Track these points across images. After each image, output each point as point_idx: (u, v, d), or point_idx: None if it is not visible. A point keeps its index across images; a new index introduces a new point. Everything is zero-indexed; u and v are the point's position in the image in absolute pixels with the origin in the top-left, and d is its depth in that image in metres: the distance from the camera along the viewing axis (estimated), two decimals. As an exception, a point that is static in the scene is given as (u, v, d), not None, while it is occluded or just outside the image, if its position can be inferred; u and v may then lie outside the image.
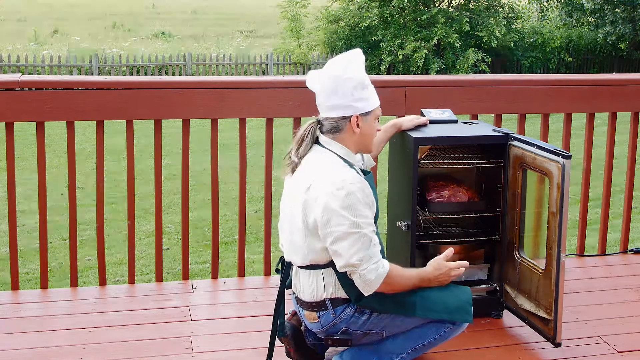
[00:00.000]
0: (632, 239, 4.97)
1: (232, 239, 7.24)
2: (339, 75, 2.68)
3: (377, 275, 2.58)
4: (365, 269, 2.57)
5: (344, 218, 2.55)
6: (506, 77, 4.44)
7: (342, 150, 2.72)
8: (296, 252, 2.71)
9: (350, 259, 2.56)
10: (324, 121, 2.74)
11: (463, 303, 2.74)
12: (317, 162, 2.68)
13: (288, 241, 2.76)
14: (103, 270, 3.80)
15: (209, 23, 28.32)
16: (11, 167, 3.61)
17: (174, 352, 3.11)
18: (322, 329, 2.74)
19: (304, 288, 2.73)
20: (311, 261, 2.68)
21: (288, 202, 2.75)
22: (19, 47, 20.96)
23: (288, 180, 2.79)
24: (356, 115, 2.71)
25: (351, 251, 2.56)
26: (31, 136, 11.10)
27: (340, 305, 2.69)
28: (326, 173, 2.62)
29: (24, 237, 6.97)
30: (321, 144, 2.74)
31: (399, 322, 2.73)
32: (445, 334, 2.77)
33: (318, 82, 2.73)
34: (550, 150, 3.02)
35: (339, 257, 2.59)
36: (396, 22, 19.78)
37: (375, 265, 2.58)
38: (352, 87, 2.68)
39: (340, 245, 2.57)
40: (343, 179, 2.58)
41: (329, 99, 2.70)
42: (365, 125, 2.73)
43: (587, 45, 22.12)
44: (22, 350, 3.11)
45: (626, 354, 3.15)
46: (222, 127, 3.84)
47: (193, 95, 3.68)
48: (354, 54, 2.73)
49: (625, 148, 4.35)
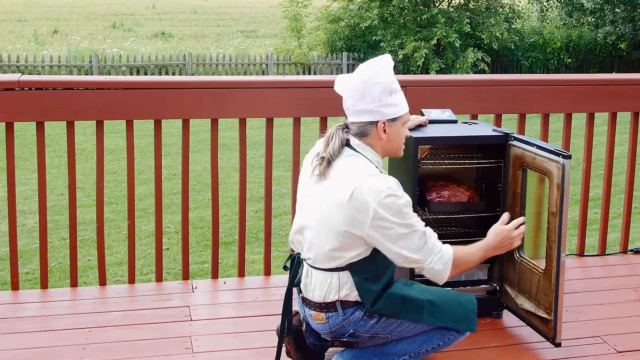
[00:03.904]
0: (632, 239, 4.98)
1: (232, 239, 7.24)
2: (367, 80, 2.68)
3: (444, 263, 2.67)
4: (431, 261, 2.65)
5: (396, 223, 2.59)
6: (506, 77, 4.44)
7: (374, 156, 2.73)
8: (319, 252, 2.69)
9: (414, 257, 2.63)
10: (351, 125, 2.74)
11: (469, 312, 2.78)
12: (354, 168, 2.66)
13: (310, 241, 2.72)
14: (103, 270, 3.80)
15: (209, 23, 28.32)
16: (11, 167, 3.61)
17: (174, 352, 3.11)
18: (330, 330, 2.74)
19: (315, 288, 2.72)
20: (334, 263, 2.67)
21: (319, 204, 2.69)
22: (19, 47, 20.97)
23: (315, 181, 2.73)
24: (383, 121, 2.70)
25: (412, 250, 2.62)
26: (31, 136, 11.12)
27: (349, 307, 2.69)
28: (369, 180, 2.61)
29: (24, 237, 6.96)
30: (353, 147, 2.72)
31: (406, 327, 2.74)
32: (449, 341, 2.80)
33: (346, 86, 2.72)
34: (550, 150, 3.02)
35: (402, 259, 2.64)
36: (396, 22, 19.78)
37: (439, 255, 2.66)
38: (380, 92, 2.68)
39: (400, 247, 2.62)
40: (388, 186, 2.60)
41: (357, 104, 2.69)
42: (392, 131, 2.73)
43: (587, 45, 22.12)
44: (22, 350, 3.11)
45: (626, 354, 3.15)
46: (222, 127, 3.84)
47: (193, 95, 3.68)
48: (384, 59, 2.74)
49: (625, 148, 4.36)
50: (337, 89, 2.77)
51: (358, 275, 2.67)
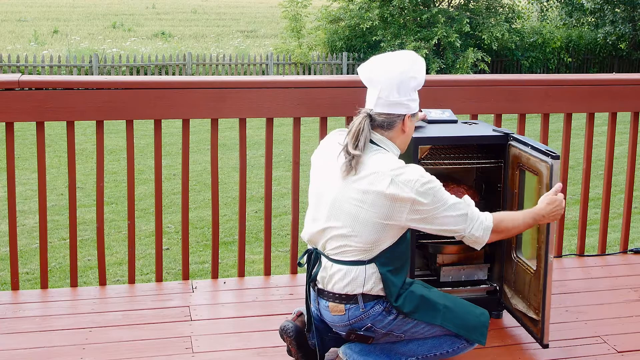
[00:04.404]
0: (632, 239, 4.98)
1: (232, 239, 7.24)
2: (405, 71, 2.68)
3: (483, 229, 2.73)
4: (472, 228, 2.70)
5: (435, 207, 2.65)
6: (506, 77, 4.42)
7: (395, 149, 2.75)
8: (351, 245, 2.68)
9: (455, 228, 2.69)
10: (377, 116, 2.71)
11: (481, 325, 2.82)
12: (383, 162, 2.66)
13: (337, 235, 2.69)
14: (103, 270, 3.80)
15: (208, 23, 28.32)
16: (11, 167, 3.61)
17: (174, 352, 3.11)
18: (348, 322, 2.74)
19: (338, 280, 2.70)
20: (365, 256, 2.68)
21: (350, 200, 2.67)
22: (19, 47, 20.97)
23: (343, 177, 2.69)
24: (408, 115, 2.73)
25: (453, 224, 2.68)
26: (31, 136, 11.13)
27: (370, 301, 2.71)
28: (402, 172, 2.63)
29: (24, 237, 6.97)
30: (375, 143, 2.71)
31: (420, 329, 2.77)
32: (458, 349, 2.82)
33: (382, 74, 2.69)
34: (541, 150, 3.02)
35: (443, 232, 2.71)
36: (396, 22, 19.78)
37: (478, 222, 2.72)
38: (413, 86, 2.71)
39: (441, 224, 2.68)
40: (421, 174, 2.65)
41: (391, 95, 2.68)
42: (411, 126, 2.77)
43: (587, 45, 22.11)
44: (22, 350, 3.11)
45: (626, 354, 3.15)
46: (222, 127, 3.84)
47: (193, 95, 3.68)
48: (415, 54, 2.76)
49: (625, 148, 4.36)
50: (368, 76, 2.72)
51: (384, 266, 2.69)
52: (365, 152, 2.68)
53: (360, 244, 2.67)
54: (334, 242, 2.71)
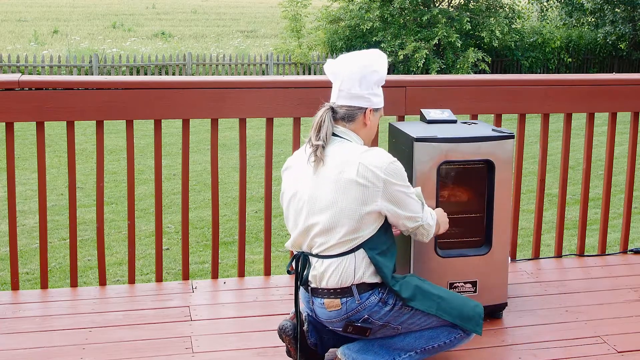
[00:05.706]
0: (632, 239, 4.97)
1: (232, 239, 7.24)
2: (366, 66, 2.79)
3: (432, 217, 2.88)
4: (426, 217, 2.84)
5: (403, 186, 2.75)
6: (506, 77, 4.42)
7: (359, 140, 2.82)
8: (334, 238, 2.71)
9: (417, 215, 2.80)
10: (339, 108, 2.81)
11: (476, 315, 2.86)
12: (348, 149, 2.75)
13: (320, 232, 2.73)
14: (103, 270, 3.80)
15: (208, 23, 28.32)
16: (11, 167, 3.61)
17: (174, 352, 3.11)
18: (345, 315, 2.76)
19: (330, 275, 2.73)
20: (350, 245, 2.71)
21: (324, 193, 2.71)
22: (19, 47, 20.97)
23: (312, 172, 2.75)
24: (370, 109, 2.82)
25: (416, 210, 2.80)
26: (31, 136, 11.13)
27: (365, 292, 2.74)
28: (368, 155, 2.72)
29: (24, 237, 6.96)
30: (338, 135, 2.79)
31: (417, 320, 2.80)
32: (455, 340, 2.85)
33: (345, 69, 2.79)
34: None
35: (409, 220, 2.80)
36: (396, 23, 19.78)
37: (427, 209, 2.88)
38: (375, 81, 2.82)
39: (409, 210, 2.78)
40: (387, 155, 2.75)
41: (352, 87, 2.78)
42: (373, 120, 2.86)
43: (587, 45, 22.11)
44: (22, 350, 3.11)
45: (626, 354, 3.15)
46: (222, 127, 3.84)
47: (193, 95, 3.68)
48: (379, 51, 2.88)
49: (625, 148, 4.36)
50: (332, 70, 2.84)
51: (372, 250, 2.73)
52: (329, 144, 2.76)
53: (344, 236, 2.70)
54: (318, 238, 2.75)
